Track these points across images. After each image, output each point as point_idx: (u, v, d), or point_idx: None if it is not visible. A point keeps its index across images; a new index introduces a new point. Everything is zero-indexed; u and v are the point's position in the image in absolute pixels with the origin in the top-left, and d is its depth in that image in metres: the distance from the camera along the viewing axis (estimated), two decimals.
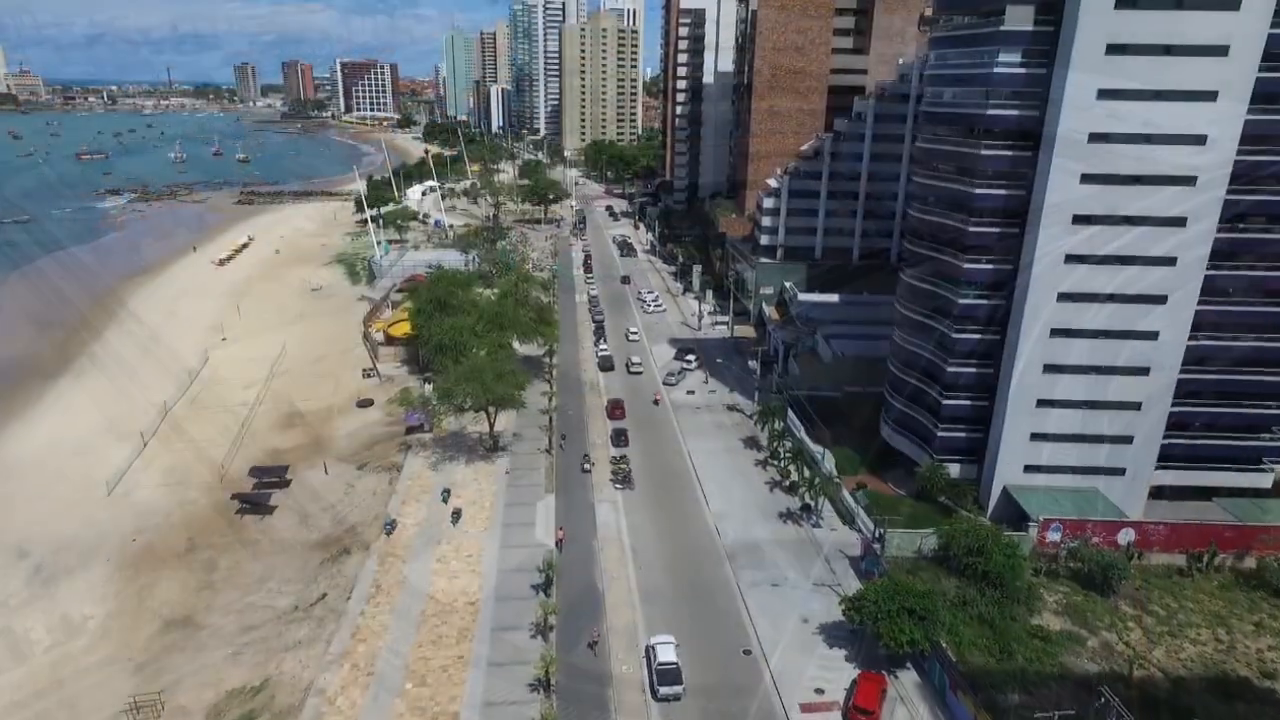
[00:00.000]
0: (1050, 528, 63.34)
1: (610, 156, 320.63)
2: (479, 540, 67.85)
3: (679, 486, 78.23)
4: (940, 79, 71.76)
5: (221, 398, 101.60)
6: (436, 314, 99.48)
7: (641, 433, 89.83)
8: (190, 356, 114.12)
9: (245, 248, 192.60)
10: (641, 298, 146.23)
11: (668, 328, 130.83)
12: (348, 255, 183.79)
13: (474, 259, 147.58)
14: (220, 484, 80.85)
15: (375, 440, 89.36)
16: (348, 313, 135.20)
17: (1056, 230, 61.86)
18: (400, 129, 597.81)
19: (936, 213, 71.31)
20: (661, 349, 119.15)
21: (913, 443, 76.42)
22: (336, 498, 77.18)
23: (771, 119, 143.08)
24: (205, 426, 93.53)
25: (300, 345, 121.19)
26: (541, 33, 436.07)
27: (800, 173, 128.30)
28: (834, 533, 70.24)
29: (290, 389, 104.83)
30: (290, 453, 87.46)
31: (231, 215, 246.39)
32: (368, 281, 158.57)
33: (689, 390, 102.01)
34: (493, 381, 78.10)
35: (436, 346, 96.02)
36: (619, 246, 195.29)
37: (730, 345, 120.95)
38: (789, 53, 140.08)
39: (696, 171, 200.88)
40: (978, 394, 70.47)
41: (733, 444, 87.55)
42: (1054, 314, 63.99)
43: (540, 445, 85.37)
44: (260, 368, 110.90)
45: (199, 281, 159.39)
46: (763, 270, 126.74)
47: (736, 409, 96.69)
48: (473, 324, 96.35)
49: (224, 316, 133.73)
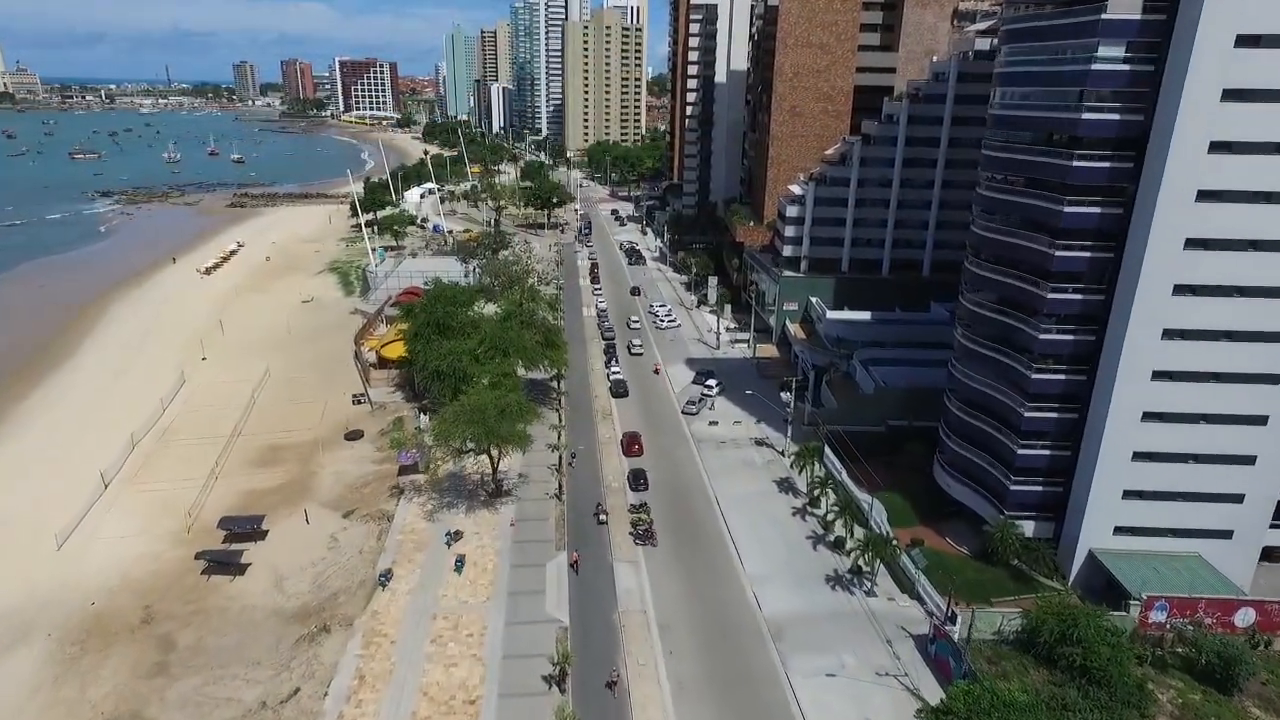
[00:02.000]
0: (1155, 606, 53.82)
1: (615, 158, 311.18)
2: (481, 613, 58.31)
3: (708, 542, 68.64)
4: (1014, 78, 62.20)
5: (196, 428, 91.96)
6: (434, 337, 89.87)
7: (662, 471, 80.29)
8: (165, 379, 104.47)
9: (234, 254, 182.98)
10: (653, 311, 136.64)
11: (683, 346, 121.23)
12: (341, 263, 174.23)
13: (474, 270, 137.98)
14: (188, 534, 71.27)
15: (364, 481, 79.79)
16: (339, 328, 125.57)
17: (1164, 256, 52.29)
18: (400, 128, 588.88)
19: (1011, 231, 61.72)
20: (678, 371, 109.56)
21: (975, 493, 66.87)
22: (318, 554, 67.59)
23: (793, 121, 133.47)
24: (175, 463, 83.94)
25: (286, 365, 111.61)
26: (543, 30, 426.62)
27: (827, 179, 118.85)
28: (892, 603, 60.70)
29: (272, 417, 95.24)
30: (268, 496, 77.84)
31: (223, 219, 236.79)
32: (361, 293, 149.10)
33: (712, 421, 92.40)
34: (496, 421, 68.48)
35: (433, 374, 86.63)
36: (626, 253, 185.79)
37: (752, 367, 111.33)
38: (813, 50, 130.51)
39: (707, 175, 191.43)
40: (1058, 443, 60.94)
41: (765, 487, 77.99)
42: (1158, 354, 54.45)
43: (549, 489, 75.86)
44: (241, 392, 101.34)
45: (182, 293, 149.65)
46: (786, 284, 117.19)
47: (766, 444, 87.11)
48: (473, 348, 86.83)
49: (206, 332, 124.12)
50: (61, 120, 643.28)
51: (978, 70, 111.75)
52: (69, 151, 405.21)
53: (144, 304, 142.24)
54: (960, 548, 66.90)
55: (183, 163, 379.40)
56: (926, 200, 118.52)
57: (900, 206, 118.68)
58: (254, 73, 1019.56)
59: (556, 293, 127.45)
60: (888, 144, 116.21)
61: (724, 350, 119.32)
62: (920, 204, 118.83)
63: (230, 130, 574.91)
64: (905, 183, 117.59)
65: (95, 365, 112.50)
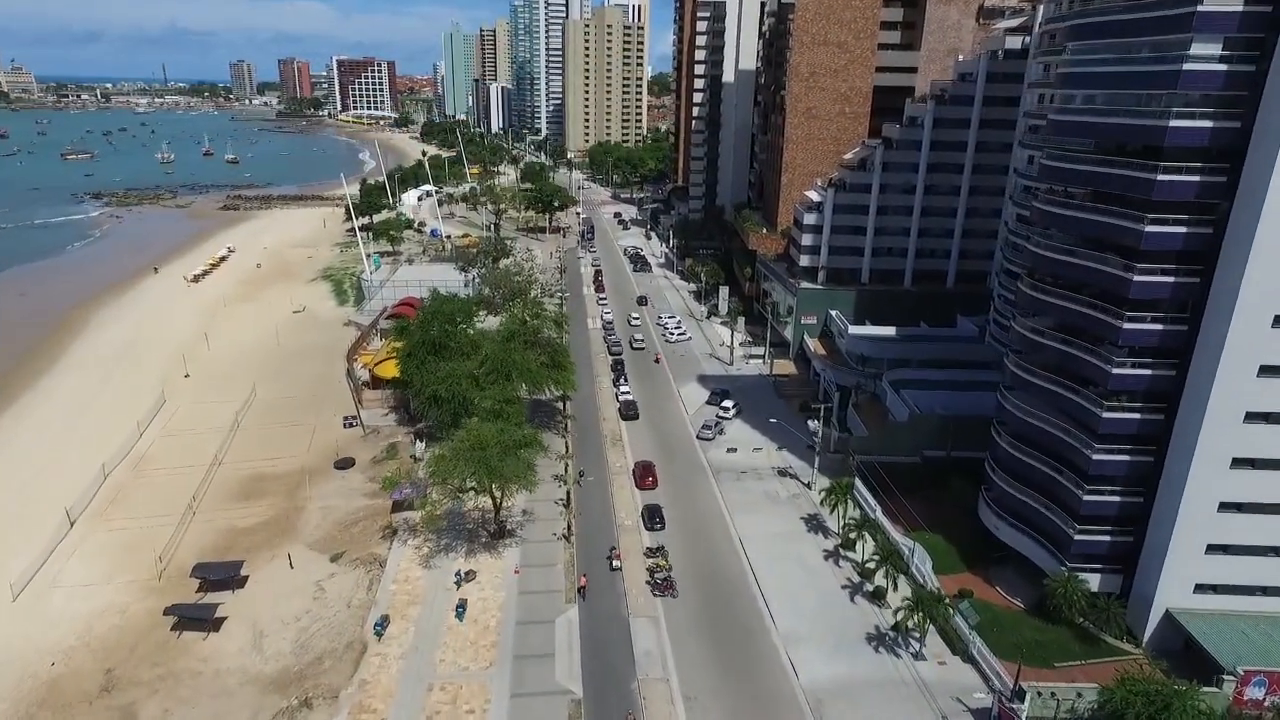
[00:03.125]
0: (1252, 682, 47.33)
1: (616, 159, 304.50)
2: (483, 682, 51.71)
3: (734, 593, 62.05)
4: (1081, 79, 55.63)
5: (174, 455, 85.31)
6: (429, 358, 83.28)
7: (679, 506, 73.73)
8: (144, 399, 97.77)
9: (224, 260, 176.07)
10: (661, 323, 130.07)
11: (694, 362, 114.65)
12: (335, 270, 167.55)
13: (474, 279, 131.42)
14: (159, 582, 64.65)
15: (354, 518, 73.17)
16: (331, 341, 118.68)
17: (1264, 281, 45.76)
18: (398, 128, 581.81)
19: (1076, 250, 55.17)
20: (691, 390, 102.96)
21: (1029, 539, 60.35)
22: (302, 606, 60.97)
23: (809, 123, 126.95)
24: (150, 497, 77.29)
25: (274, 383, 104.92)
26: (543, 28, 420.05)
27: (846, 185, 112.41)
28: (943, 667, 54.15)
29: (257, 442, 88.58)
30: (249, 535, 71.21)
31: (215, 222, 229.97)
32: (355, 303, 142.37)
33: (730, 448, 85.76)
34: (498, 459, 61.86)
35: (430, 398, 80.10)
36: (631, 260, 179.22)
37: (770, 386, 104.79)
38: (830, 48, 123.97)
39: (714, 178, 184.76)
40: (1130, 489, 54.43)
41: (792, 525, 71.41)
42: (1253, 392, 47.94)
43: (557, 528, 69.29)
44: (224, 413, 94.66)
45: (167, 303, 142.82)
46: (805, 296, 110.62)
47: (789, 474, 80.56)
48: (474, 369, 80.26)
49: (190, 346, 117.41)
50: (56, 119, 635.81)
51: (1008, 70, 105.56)
52: (61, 152, 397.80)
53: (126, 315, 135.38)
54: (1013, 599, 60.42)
55: (176, 163, 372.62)
56: (952, 208, 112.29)
57: (924, 214, 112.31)
58: (251, 72, 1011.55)
59: (561, 307, 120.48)
60: (911, 148, 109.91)
61: (737, 366, 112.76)
62: (945, 212, 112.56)
63: (226, 130, 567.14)
64: (930, 189, 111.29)
65: (70, 384, 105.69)
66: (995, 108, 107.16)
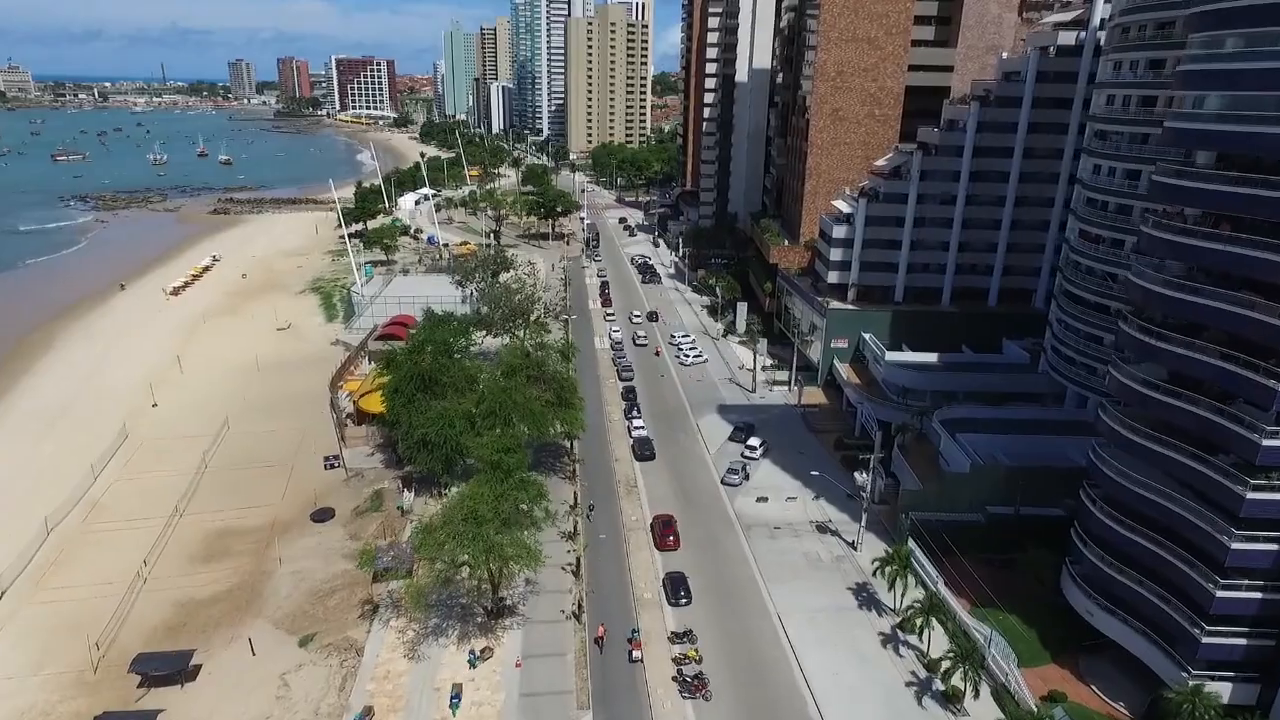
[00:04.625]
0: None
1: (621, 161, 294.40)
2: None
3: (777, 691, 51.96)
4: (1212, 78, 45.51)
5: (130, 504, 75.33)
6: (419, 395, 73.25)
7: (705, 572, 63.66)
8: (104, 433, 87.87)
9: (208, 270, 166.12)
10: (675, 342, 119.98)
11: (712, 387, 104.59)
12: (325, 282, 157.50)
13: (472, 294, 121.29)
14: (94, 674, 54.70)
15: (331, 586, 63.15)
16: (316, 363, 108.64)
17: None
18: (396, 128, 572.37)
19: (1205, 290, 45.04)
20: (711, 422, 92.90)
21: (1135, 631, 50.25)
22: (261, 709, 50.90)
23: (835, 126, 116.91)
24: (96, 558, 67.34)
25: (250, 413, 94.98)
26: (545, 26, 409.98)
27: (879, 195, 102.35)
28: None
29: (226, 486, 78.64)
30: (207, 609, 61.23)
31: (202, 227, 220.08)
32: (345, 318, 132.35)
33: (760, 497, 75.59)
34: (497, 535, 51.70)
35: (419, 442, 70.12)
36: (639, 270, 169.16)
37: (798, 418, 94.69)
38: (859, 45, 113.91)
39: (726, 183, 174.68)
40: (1275, 584, 44.35)
41: (839, 597, 61.30)
42: None
43: (565, 604, 59.31)
44: (191, 451, 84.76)
45: (141, 320, 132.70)
46: (836, 318, 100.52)
47: (830, 530, 70.48)
48: (469, 409, 70.19)
49: (161, 370, 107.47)
50: (51, 119, 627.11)
51: (1060, 69, 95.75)
52: (52, 153, 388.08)
53: (96, 334, 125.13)
54: (1115, 704, 50.35)
55: (170, 164, 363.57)
56: (995, 219, 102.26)
57: (965, 227, 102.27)
58: (250, 71, 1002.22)
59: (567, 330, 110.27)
60: (952, 154, 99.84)
61: (760, 393, 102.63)
62: (988, 224, 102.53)
63: (223, 129, 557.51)
64: (971, 199, 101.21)
65: (23, 418, 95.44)
66: (1046, 110, 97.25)
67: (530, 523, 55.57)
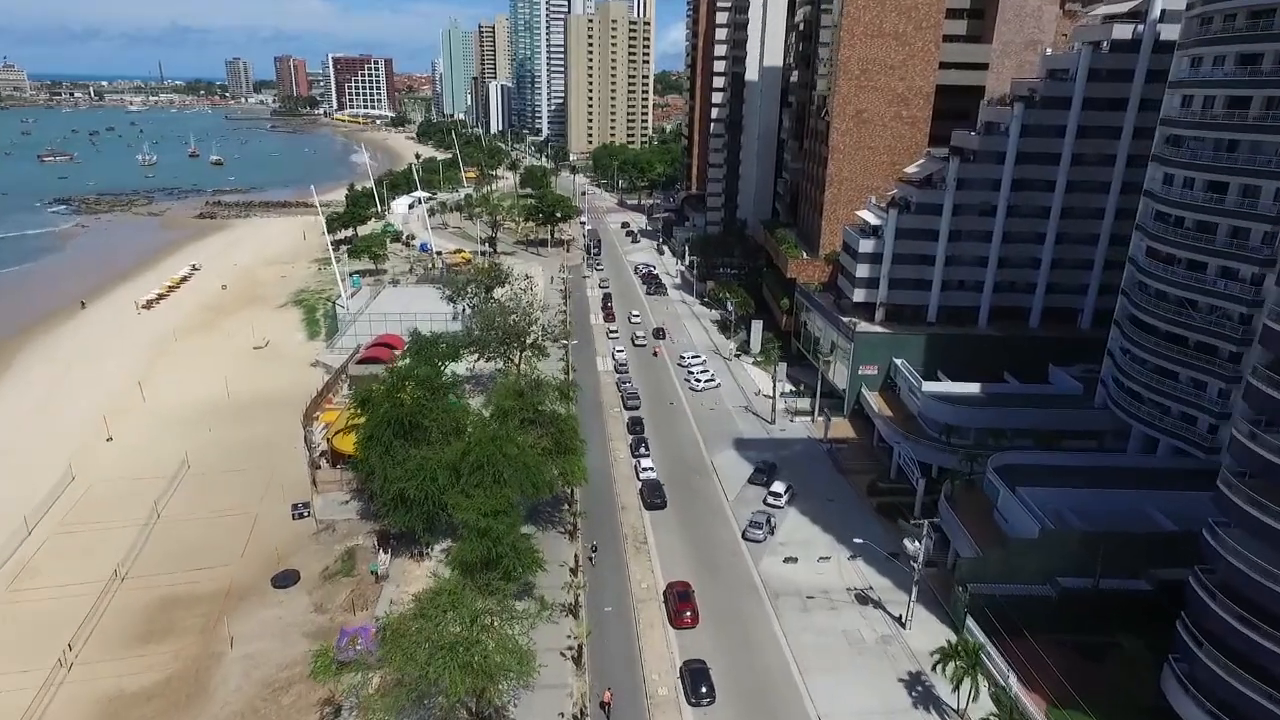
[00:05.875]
0: None
1: (622, 162, 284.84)
2: None
3: None
4: None
5: (63, 565, 65.63)
6: (396, 442, 63.61)
7: (730, 659, 54.06)
8: (47, 475, 78.19)
9: (185, 281, 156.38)
10: (685, 364, 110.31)
11: (727, 417, 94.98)
12: (309, 294, 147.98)
13: (464, 312, 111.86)
14: None
15: (288, 678, 53.55)
16: (292, 389, 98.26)
17: None
18: (394, 128, 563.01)
19: None
20: (728, 460, 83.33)
21: None
22: None
23: (859, 129, 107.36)
24: (17, 637, 57.69)
25: (215, 449, 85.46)
26: (544, 24, 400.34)
27: (912, 205, 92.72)
28: None
29: (178, 540, 69.09)
30: (138, 708, 51.62)
31: (186, 233, 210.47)
32: (327, 335, 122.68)
33: (788, 557, 65.87)
34: (482, 659, 41.71)
35: (396, 497, 60.58)
36: (644, 280, 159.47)
37: (825, 456, 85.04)
38: (886, 41, 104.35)
39: (735, 187, 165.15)
40: None
41: (890, 693, 51.59)
42: None
43: (564, 706, 49.65)
44: (143, 496, 75.17)
45: (110, 337, 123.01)
46: (865, 343, 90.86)
47: (871, 599, 60.85)
48: (454, 460, 60.46)
49: (121, 398, 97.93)
50: (44, 118, 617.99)
51: (1115, 66, 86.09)
52: (38, 154, 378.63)
53: (58, 356, 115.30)
54: None
55: (159, 165, 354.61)
56: (1039, 232, 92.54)
57: (1005, 240, 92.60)
58: (247, 69, 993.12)
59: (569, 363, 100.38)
60: (993, 161, 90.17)
61: (780, 424, 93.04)
62: (1031, 237, 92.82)
63: (218, 129, 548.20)
64: (1013, 210, 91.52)
65: None
66: (1098, 112, 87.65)
67: (521, 617, 45.71)
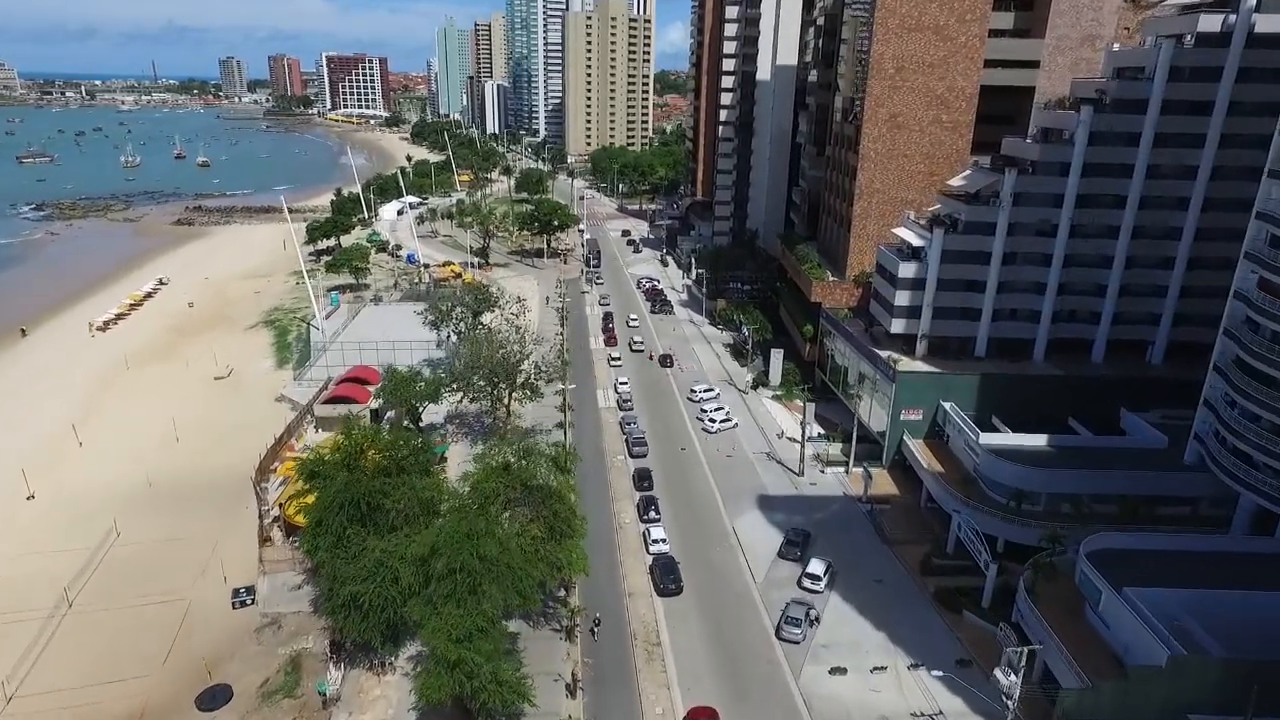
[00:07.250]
0: None
1: (623, 165, 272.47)
2: None
3: None
4: None
5: None
6: (350, 529, 51.16)
7: None
8: None
9: (150, 298, 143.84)
10: (696, 398, 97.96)
11: (748, 468, 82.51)
12: (283, 313, 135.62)
13: (448, 339, 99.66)
14: None
15: None
16: (250, 431, 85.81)
17: None
18: (388, 128, 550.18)
19: None
20: (752, 525, 70.97)
21: None
22: None
23: (893, 135, 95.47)
24: None
25: (151, 509, 73.11)
26: (541, 22, 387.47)
27: (959, 224, 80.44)
28: None
29: (89, 642, 56.77)
30: None
31: (159, 241, 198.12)
32: (298, 364, 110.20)
33: (834, 668, 53.29)
34: None
35: (348, 603, 48.18)
36: (648, 296, 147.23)
37: (865, 519, 72.68)
38: (925, 35, 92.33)
39: (745, 194, 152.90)
40: None
41: None
42: None
43: None
44: (56, 575, 62.82)
45: (55, 366, 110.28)
46: (908, 385, 78.53)
47: None
48: (422, 555, 47.93)
49: (53, 445, 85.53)
50: (31, 118, 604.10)
51: (1200, 63, 74.04)
52: (17, 155, 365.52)
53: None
54: None
55: (143, 167, 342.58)
56: (1107, 255, 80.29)
57: (1068, 264, 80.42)
58: (241, 68, 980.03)
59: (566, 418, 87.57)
60: (1055, 173, 77.96)
61: (809, 475, 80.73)
62: (1097, 260, 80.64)
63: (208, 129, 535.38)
64: (1076, 230, 79.30)
65: None
66: (1179, 117, 75.56)
67: None
